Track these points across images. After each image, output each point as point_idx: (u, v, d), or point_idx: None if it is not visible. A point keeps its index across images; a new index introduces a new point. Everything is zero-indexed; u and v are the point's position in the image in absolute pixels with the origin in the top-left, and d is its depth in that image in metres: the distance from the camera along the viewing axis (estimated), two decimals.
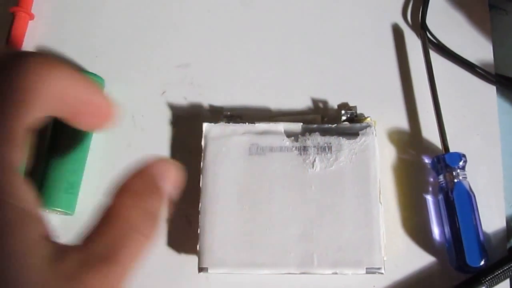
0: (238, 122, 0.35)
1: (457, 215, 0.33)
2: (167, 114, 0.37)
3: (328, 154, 0.34)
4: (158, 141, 0.37)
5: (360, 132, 0.35)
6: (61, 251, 0.24)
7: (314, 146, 0.34)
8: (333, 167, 0.34)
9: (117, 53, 0.39)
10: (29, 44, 0.40)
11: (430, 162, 0.35)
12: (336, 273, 0.32)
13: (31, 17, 0.41)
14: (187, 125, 0.37)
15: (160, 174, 0.28)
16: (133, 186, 0.27)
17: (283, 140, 0.35)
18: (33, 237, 0.23)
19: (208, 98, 0.38)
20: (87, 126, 0.27)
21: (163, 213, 0.27)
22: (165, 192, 0.28)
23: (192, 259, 0.34)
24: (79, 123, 0.26)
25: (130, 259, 0.25)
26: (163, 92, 0.38)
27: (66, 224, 0.35)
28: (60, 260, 0.23)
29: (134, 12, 0.41)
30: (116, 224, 0.26)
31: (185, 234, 0.34)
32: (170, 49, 0.39)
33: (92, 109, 0.26)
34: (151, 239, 0.26)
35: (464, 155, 0.34)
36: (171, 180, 0.28)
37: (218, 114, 0.37)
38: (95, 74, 0.37)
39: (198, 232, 0.33)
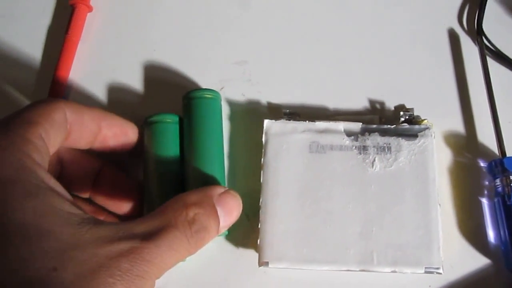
0: (298, 120, 0.36)
1: None
2: (225, 110, 0.38)
3: (388, 154, 0.35)
4: None
5: (419, 134, 0.35)
6: (98, 220, 0.25)
7: (374, 146, 0.35)
8: (393, 167, 0.34)
9: (174, 48, 0.40)
10: (87, 36, 0.41)
11: (486, 165, 0.36)
12: (395, 272, 0.32)
13: (90, 9, 0.41)
14: (245, 121, 0.38)
15: (226, 209, 0.29)
16: (191, 198, 0.28)
17: (343, 139, 0.35)
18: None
19: (266, 96, 0.38)
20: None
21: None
22: (219, 224, 0.29)
23: (250, 254, 0.35)
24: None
25: (168, 247, 0.25)
26: (221, 88, 0.38)
27: None
28: (96, 225, 0.24)
29: (192, 7, 0.41)
30: (161, 217, 0.27)
31: (243, 229, 0.35)
32: (228, 45, 0.40)
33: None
34: (193, 246, 0.27)
35: None
36: (231, 219, 0.30)
37: (276, 112, 0.38)
38: (212, 90, 0.36)
39: (259, 227, 0.33)
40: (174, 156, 0.34)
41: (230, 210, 0.30)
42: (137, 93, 0.39)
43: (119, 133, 0.33)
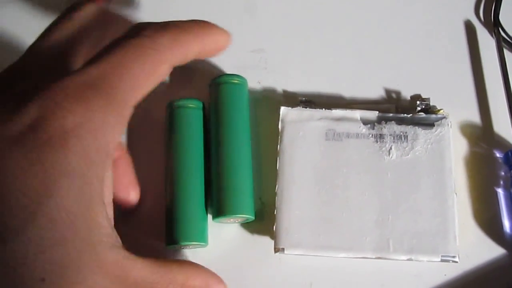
0: (314, 108, 0.36)
1: None
2: None
3: (404, 143, 0.35)
4: None
5: (436, 123, 0.35)
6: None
7: (390, 135, 0.35)
8: (409, 155, 0.34)
9: None
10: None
11: (502, 156, 0.36)
12: (411, 259, 0.32)
13: None
14: (262, 109, 0.38)
15: None
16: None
17: (360, 127, 0.35)
18: None
19: (282, 84, 0.38)
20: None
21: None
22: None
23: (265, 240, 0.35)
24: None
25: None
26: None
27: None
28: None
29: None
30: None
31: (258, 215, 0.35)
32: (245, 33, 0.40)
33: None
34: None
35: None
36: None
37: (291, 100, 0.38)
38: (239, 75, 0.36)
39: (275, 213, 0.33)
40: (198, 142, 0.35)
41: None
42: None
43: None
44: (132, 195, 0.34)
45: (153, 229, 0.35)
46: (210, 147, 0.35)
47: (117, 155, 0.33)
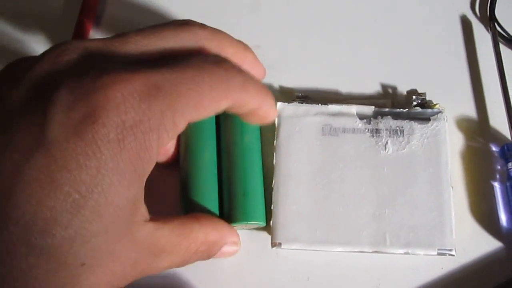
0: (311, 103, 0.36)
1: None
2: None
3: (400, 138, 0.35)
4: None
5: (432, 118, 0.35)
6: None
7: (386, 129, 0.35)
8: (405, 150, 0.34)
9: None
10: (101, 15, 0.41)
11: (498, 150, 0.36)
12: (408, 253, 0.32)
13: None
14: None
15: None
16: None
17: (356, 122, 0.35)
18: None
19: (278, 79, 0.39)
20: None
21: None
22: None
23: (262, 235, 0.35)
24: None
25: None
26: None
27: None
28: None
29: None
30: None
31: None
32: (241, 30, 0.40)
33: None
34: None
35: None
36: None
37: (288, 96, 0.38)
38: None
39: (272, 208, 0.34)
40: (211, 141, 0.35)
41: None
42: None
43: None
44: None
45: None
46: (221, 151, 0.35)
47: None
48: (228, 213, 0.33)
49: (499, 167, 0.36)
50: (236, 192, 0.33)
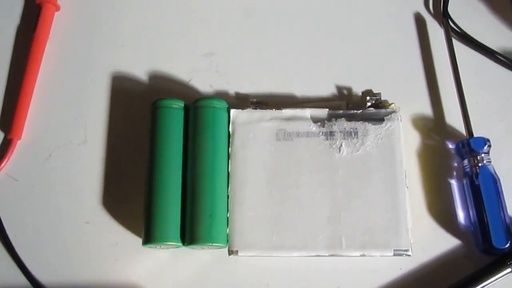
0: (265, 109, 0.36)
1: (482, 199, 0.33)
2: None
3: (354, 139, 0.35)
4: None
5: (386, 118, 0.35)
6: None
7: (341, 131, 0.35)
8: (360, 151, 0.34)
9: (143, 42, 0.40)
10: (56, 34, 0.41)
11: (454, 147, 0.36)
12: (364, 255, 0.32)
13: (57, 8, 0.41)
14: None
15: None
16: None
17: (310, 126, 0.35)
18: None
19: (234, 86, 0.39)
20: None
21: None
22: None
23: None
24: None
25: None
26: (190, 80, 0.39)
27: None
28: None
29: (160, 1, 0.41)
30: None
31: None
32: (195, 37, 0.40)
33: None
34: None
35: (488, 140, 0.34)
36: None
37: (244, 101, 0.38)
38: (220, 99, 0.35)
39: (228, 216, 0.33)
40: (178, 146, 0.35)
41: None
42: (105, 87, 0.39)
43: None
44: None
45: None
46: (188, 169, 0.34)
47: None
48: (191, 233, 0.33)
49: (455, 164, 0.36)
50: (201, 212, 0.33)
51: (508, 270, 0.32)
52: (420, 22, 0.40)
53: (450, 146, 0.36)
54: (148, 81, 0.39)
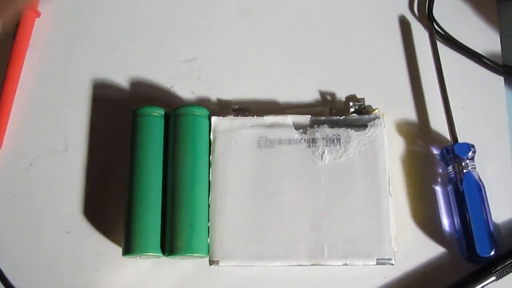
0: (246, 115, 0.35)
1: (467, 206, 0.32)
2: None
3: (337, 146, 0.34)
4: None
5: (369, 124, 0.35)
6: None
7: (323, 138, 0.34)
8: (342, 158, 0.34)
9: (124, 48, 0.40)
10: (36, 41, 0.40)
11: (439, 153, 0.35)
12: (347, 264, 0.32)
13: (38, 15, 0.41)
14: None
15: None
16: None
17: (292, 133, 0.35)
18: None
19: (216, 92, 0.38)
20: None
21: None
22: None
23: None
24: None
25: None
26: (172, 86, 0.38)
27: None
28: None
29: (140, 8, 0.41)
30: None
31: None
32: (177, 43, 0.39)
33: None
34: None
35: (473, 146, 0.34)
36: None
37: (226, 108, 0.37)
38: (200, 107, 0.35)
39: (209, 225, 0.33)
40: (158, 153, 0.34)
41: None
42: (86, 95, 0.38)
43: None
44: None
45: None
46: (168, 178, 0.34)
47: None
48: (171, 243, 0.32)
49: (440, 170, 0.35)
50: (181, 222, 0.32)
51: (493, 278, 0.32)
52: (404, 25, 0.39)
53: (435, 152, 0.36)
54: (130, 88, 0.38)
